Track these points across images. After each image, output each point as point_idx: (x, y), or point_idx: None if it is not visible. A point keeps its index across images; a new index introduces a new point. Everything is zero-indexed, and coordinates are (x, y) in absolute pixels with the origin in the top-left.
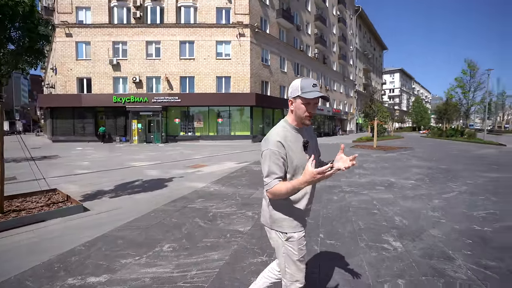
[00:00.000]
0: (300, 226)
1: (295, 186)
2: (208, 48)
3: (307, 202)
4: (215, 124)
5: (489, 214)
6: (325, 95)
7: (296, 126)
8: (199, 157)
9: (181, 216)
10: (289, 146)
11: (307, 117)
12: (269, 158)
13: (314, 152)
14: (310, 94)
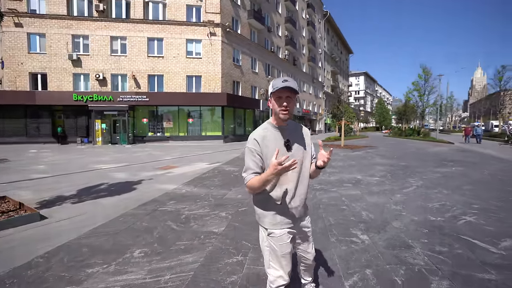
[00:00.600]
0: (282, 224)
1: (263, 178)
2: (178, 46)
3: (289, 200)
4: (186, 124)
5: (441, 205)
6: (291, 86)
7: (276, 125)
8: (169, 158)
9: (152, 220)
10: (265, 144)
11: (281, 111)
12: (247, 155)
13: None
14: (278, 87)
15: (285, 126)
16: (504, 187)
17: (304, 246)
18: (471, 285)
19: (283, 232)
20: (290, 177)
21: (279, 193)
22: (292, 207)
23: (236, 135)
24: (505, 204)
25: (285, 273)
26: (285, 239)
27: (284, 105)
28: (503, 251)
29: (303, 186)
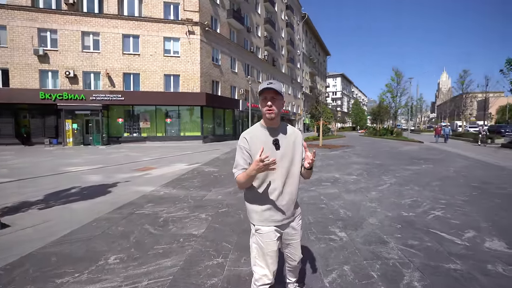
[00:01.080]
0: (269, 221)
1: (247, 173)
2: (155, 44)
3: (277, 198)
4: (163, 124)
5: (413, 201)
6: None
7: (265, 125)
8: (147, 159)
9: (129, 224)
10: (253, 142)
11: (267, 111)
12: (237, 152)
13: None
14: (262, 88)
15: (276, 127)
16: (467, 183)
17: (292, 247)
18: (439, 275)
19: (270, 230)
20: (278, 175)
21: (267, 190)
22: (280, 205)
23: (216, 135)
24: (468, 198)
25: (270, 272)
26: (271, 237)
27: (268, 105)
28: (466, 242)
29: (292, 185)
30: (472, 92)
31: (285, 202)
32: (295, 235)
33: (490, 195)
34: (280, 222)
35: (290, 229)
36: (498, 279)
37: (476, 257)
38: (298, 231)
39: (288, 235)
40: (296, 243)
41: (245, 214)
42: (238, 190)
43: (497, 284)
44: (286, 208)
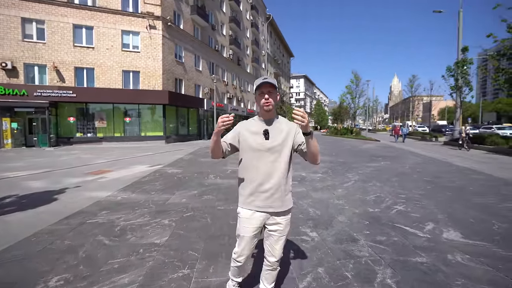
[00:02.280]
0: (248, 204)
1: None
2: (111, 37)
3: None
4: (122, 123)
5: (377, 197)
6: (270, 81)
7: (260, 117)
8: (102, 162)
9: (78, 236)
10: (247, 128)
11: (264, 105)
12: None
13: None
14: (258, 83)
15: (270, 119)
16: (422, 178)
17: (273, 241)
18: (409, 270)
19: (250, 214)
20: (264, 163)
21: (251, 176)
22: (262, 192)
23: (179, 135)
24: (424, 192)
25: (241, 254)
26: (248, 223)
27: (265, 98)
28: (428, 235)
29: (278, 174)
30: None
31: (267, 190)
32: (278, 230)
33: (442, 189)
34: (261, 208)
35: (274, 221)
36: (459, 268)
37: (437, 248)
38: (282, 226)
39: (271, 227)
40: (277, 238)
41: (211, 218)
42: (203, 192)
43: (459, 272)
44: (268, 196)
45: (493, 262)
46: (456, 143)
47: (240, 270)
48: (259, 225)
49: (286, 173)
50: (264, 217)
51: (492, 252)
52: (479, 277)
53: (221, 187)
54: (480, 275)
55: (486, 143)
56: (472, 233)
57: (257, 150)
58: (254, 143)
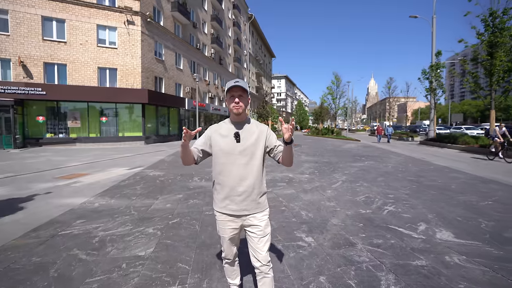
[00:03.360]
0: (222, 208)
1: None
2: (86, 31)
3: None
4: (98, 123)
5: (366, 197)
6: (241, 84)
7: (232, 120)
8: (76, 164)
9: (48, 251)
10: (217, 132)
11: (234, 107)
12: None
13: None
14: (229, 86)
15: (241, 122)
16: (406, 177)
17: (254, 243)
18: (411, 274)
19: (225, 218)
20: (237, 166)
21: (225, 180)
22: (236, 195)
23: (159, 136)
24: (411, 192)
25: (226, 253)
26: (225, 225)
27: (235, 101)
28: (422, 236)
29: (251, 177)
30: (396, 97)
31: (241, 194)
32: (257, 231)
33: (426, 188)
34: (237, 212)
35: (251, 223)
36: (458, 270)
37: (433, 250)
38: (261, 227)
39: (249, 228)
40: (258, 239)
41: (200, 224)
42: (189, 196)
43: (459, 275)
44: (242, 199)
45: (489, 263)
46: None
47: (233, 269)
48: (236, 227)
49: (260, 175)
50: (240, 221)
51: (485, 251)
52: (479, 279)
53: (207, 190)
54: (480, 277)
55: (458, 143)
56: (463, 232)
57: (229, 153)
58: (225, 146)
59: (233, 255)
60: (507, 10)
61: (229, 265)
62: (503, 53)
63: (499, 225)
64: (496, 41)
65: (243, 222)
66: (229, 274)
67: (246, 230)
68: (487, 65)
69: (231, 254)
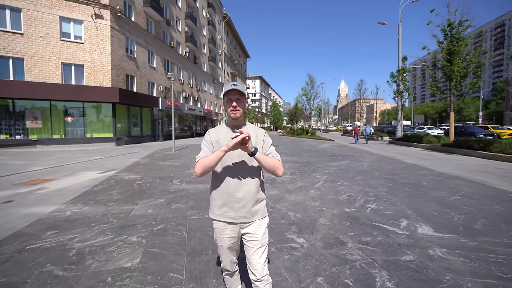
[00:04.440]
0: (220, 216)
1: (215, 153)
2: (46, 23)
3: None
4: (62, 124)
5: (349, 196)
6: (239, 88)
7: (230, 124)
8: (39, 169)
9: (15, 269)
10: (217, 135)
11: (231, 111)
12: (202, 144)
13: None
14: (226, 89)
15: (238, 126)
16: (381, 175)
17: (250, 254)
18: (402, 269)
19: (223, 226)
20: (235, 171)
21: (223, 186)
22: (234, 202)
23: (132, 137)
24: (388, 189)
25: (225, 263)
26: (223, 233)
27: (233, 105)
28: (405, 231)
29: (250, 182)
30: (367, 98)
31: (239, 200)
32: (254, 240)
33: (401, 185)
34: (235, 219)
35: (249, 231)
36: (442, 263)
37: (417, 244)
38: (258, 236)
39: (246, 237)
40: (254, 250)
41: (187, 230)
42: (171, 200)
43: (443, 267)
44: (241, 206)
45: (467, 254)
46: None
47: (233, 280)
48: (234, 235)
49: (258, 180)
50: (238, 228)
51: (462, 243)
52: (461, 270)
53: (190, 194)
54: (461, 268)
55: (423, 142)
56: (440, 226)
57: (227, 158)
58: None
59: (232, 266)
60: (461, 22)
61: (229, 276)
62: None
63: (468, 218)
64: (454, 49)
65: (241, 230)
66: (230, 284)
67: (243, 238)
68: (446, 70)
69: (230, 265)
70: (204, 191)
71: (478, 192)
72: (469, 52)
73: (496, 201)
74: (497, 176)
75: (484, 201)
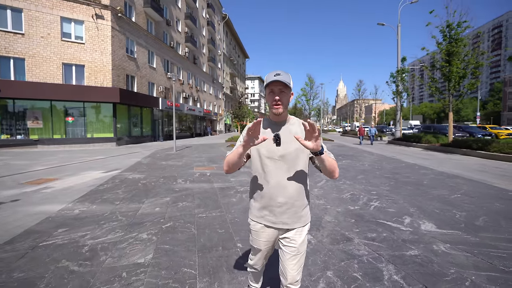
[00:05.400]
0: (259, 218)
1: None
2: (47, 23)
3: (273, 199)
4: (63, 124)
5: (352, 195)
6: (282, 79)
7: (271, 119)
8: (42, 169)
9: (32, 265)
10: None
11: (273, 105)
12: (238, 139)
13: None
14: (269, 80)
15: (281, 122)
16: (383, 174)
17: (285, 259)
18: (407, 264)
19: (260, 228)
20: (278, 174)
21: (263, 185)
22: (277, 206)
23: (132, 137)
24: (390, 188)
25: (256, 263)
26: (260, 236)
27: (275, 99)
28: (409, 228)
29: (293, 186)
30: (366, 99)
31: (281, 205)
32: (291, 247)
33: (402, 184)
34: (274, 224)
35: (287, 236)
36: (446, 257)
37: (422, 240)
38: (296, 243)
39: (284, 241)
40: (290, 256)
41: (196, 227)
42: (177, 199)
43: (448, 261)
44: (283, 211)
45: (469, 249)
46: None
47: (259, 275)
48: (271, 239)
49: (303, 184)
50: (276, 233)
51: (464, 239)
52: (464, 264)
53: (195, 192)
54: (465, 262)
55: (422, 142)
56: (442, 223)
57: (268, 158)
58: (264, 150)
59: (262, 266)
60: (460, 23)
61: (256, 273)
62: (458, 61)
63: (470, 215)
64: (453, 50)
65: (279, 235)
66: (253, 278)
67: (279, 241)
68: (445, 71)
69: (261, 265)
70: (209, 190)
71: (478, 191)
72: (468, 53)
73: (496, 199)
74: (495, 175)
75: (484, 199)
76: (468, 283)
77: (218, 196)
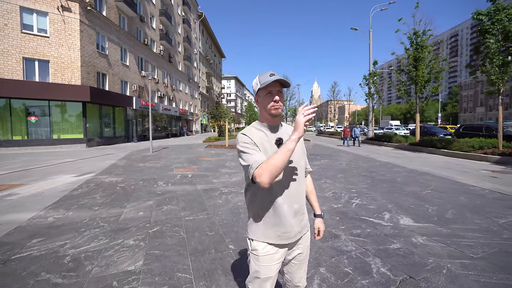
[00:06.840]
0: (275, 238)
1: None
2: (4, 13)
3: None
4: (24, 124)
5: (334, 193)
6: (284, 78)
7: (264, 123)
8: (3, 173)
9: (7, 280)
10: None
11: (273, 107)
12: (245, 149)
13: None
14: (268, 81)
15: (276, 126)
16: (360, 173)
17: (293, 270)
18: (391, 256)
19: (269, 250)
20: (287, 180)
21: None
22: (294, 216)
23: (104, 138)
24: (368, 186)
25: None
26: (268, 261)
27: (276, 100)
28: (390, 223)
29: (301, 192)
30: (340, 100)
31: (296, 214)
32: (301, 256)
33: (379, 182)
34: (292, 239)
35: (296, 248)
36: (424, 248)
37: (402, 234)
38: (304, 250)
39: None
40: (299, 265)
41: (185, 231)
42: (160, 202)
43: (426, 252)
44: (299, 221)
45: (443, 239)
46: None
47: None
48: (282, 259)
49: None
50: (287, 249)
51: (438, 231)
52: (441, 254)
53: (178, 195)
54: (441, 252)
55: (392, 141)
56: (418, 217)
57: None
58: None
59: None
60: (425, 32)
61: None
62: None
63: (440, 209)
64: (419, 56)
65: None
66: None
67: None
68: (412, 75)
69: None
70: (192, 192)
71: (445, 186)
72: (432, 59)
73: (460, 194)
74: (458, 171)
75: (450, 193)
76: (445, 271)
77: (203, 198)
